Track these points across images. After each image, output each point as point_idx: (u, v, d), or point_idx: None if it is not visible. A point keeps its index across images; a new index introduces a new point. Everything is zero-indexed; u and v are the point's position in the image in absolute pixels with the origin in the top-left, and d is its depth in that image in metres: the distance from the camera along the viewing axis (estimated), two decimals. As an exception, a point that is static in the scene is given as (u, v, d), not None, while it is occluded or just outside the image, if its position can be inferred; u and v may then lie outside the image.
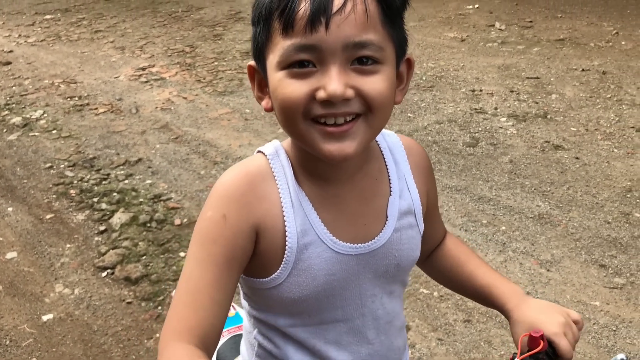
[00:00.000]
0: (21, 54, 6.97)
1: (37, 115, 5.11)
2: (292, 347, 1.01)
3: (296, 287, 0.94)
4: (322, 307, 0.98)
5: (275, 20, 0.84)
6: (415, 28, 6.97)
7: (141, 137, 4.58)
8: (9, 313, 2.82)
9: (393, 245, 0.99)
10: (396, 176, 1.02)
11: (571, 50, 5.90)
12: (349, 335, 1.00)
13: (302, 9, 0.81)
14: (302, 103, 0.84)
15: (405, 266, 1.03)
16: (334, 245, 0.95)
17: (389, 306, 1.03)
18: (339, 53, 0.82)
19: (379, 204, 1.00)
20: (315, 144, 0.86)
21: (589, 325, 2.57)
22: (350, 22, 0.81)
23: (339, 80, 0.81)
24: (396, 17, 0.88)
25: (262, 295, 0.98)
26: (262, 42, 0.88)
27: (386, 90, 0.86)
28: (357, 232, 0.97)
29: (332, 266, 0.95)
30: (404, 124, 4.53)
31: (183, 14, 8.40)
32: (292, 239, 0.92)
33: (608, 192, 3.53)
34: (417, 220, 1.03)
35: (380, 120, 0.89)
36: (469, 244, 3.11)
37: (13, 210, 3.67)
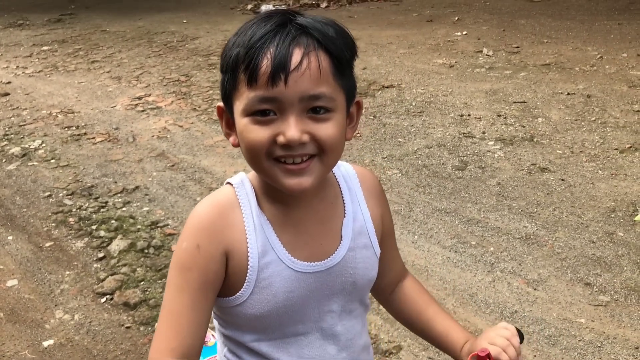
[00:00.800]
0: (19, 84, 7.10)
1: (36, 145, 5.21)
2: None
3: (258, 303, 1.04)
4: (283, 322, 1.07)
5: (241, 72, 0.97)
6: (405, 55, 7.14)
7: (138, 165, 4.68)
8: (10, 339, 2.89)
9: (348, 264, 1.10)
10: (350, 200, 1.14)
11: (557, 75, 6.06)
12: (310, 349, 1.10)
13: (265, 66, 0.93)
14: (264, 146, 0.97)
15: (361, 284, 1.13)
16: (292, 264, 1.05)
17: (348, 324, 1.12)
18: (296, 104, 0.95)
19: (335, 225, 1.11)
20: (277, 179, 1.00)
21: (574, 342, 2.66)
22: (305, 78, 0.94)
23: (296, 128, 0.95)
24: (346, 68, 1.01)
25: (229, 313, 1.08)
26: (230, 89, 1.01)
27: (337, 135, 0.99)
28: (314, 251, 1.08)
29: (290, 284, 1.05)
30: (395, 149, 4.65)
31: (178, 43, 8.56)
32: (253, 259, 1.03)
33: (593, 213, 3.63)
34: (371, 242, 1.14)
35: (332, 159, 1.03)
36: (459, 265, 3.21)
37: (13, 239, 3.75)
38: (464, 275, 3.12)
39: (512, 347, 1.06)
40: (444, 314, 1.24)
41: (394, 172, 4.28)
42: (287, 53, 0.93)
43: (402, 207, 3.80)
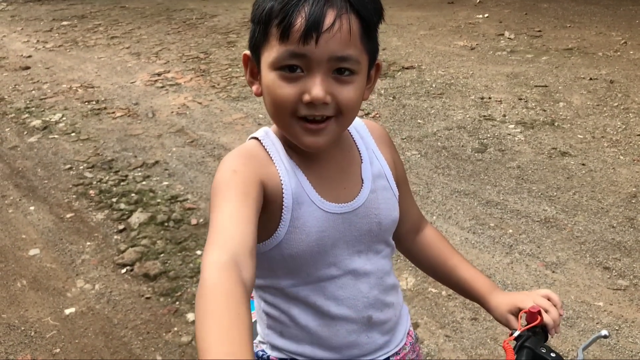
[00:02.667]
0: (39, 59, 7.14)
1: (57, 119, 5.25)
2: (296, 308, 1.14)
3: (293, 243, 1.07)
4: (317, 263, 1.11)
5: (273, 26, 0.99)
6: (425, 37, 7.08)
7: (157, 140, 4.71)
8: (33, 306, 2.94)
9: (372, 204, 1.15)
10: (364, 147, 1.19)
11: (579, 60, 5.98)
12: (344, 290, 1.14)
13: (298, 24, 0.96)
14: (291, 103, 1.00)
15: (386, 224, 1.17)
16: (322, 204, 1.09)
17: (377, 263, 1.18)
18: (323, 63, 0.98)
19: (354, 170, 1.16)
20: (297, 135, 1.04)
21: (592, 324, 2.66)
22: (336, 39, 0.97)
23: (321, 87, 0.98)
24: (373, 31, 1.04)
25: (265, 259, 1.10)
26: (260, 40, 1.03)
27: (356, 98, 1.04)
28: (339, 194, 1.12)
29: (322, 223, 1.09)
30: (414, 130, 4.63)
31: (197, 21, 8.55)
32: (287, 199, 1.06)
33: (613, 198, 3.61)
34: (390, 184, 1.19)
35: (349, 120, 1.07)
36: (477, 246, 3.20)
37: (35, 209, 3.80)
38: (482, 257, 3.12)
39: (555, 311, 1.11)
40: (468, 263, 1.29)
41: (413, 153, 4.27)
42: (321, 13, 0.95)
43: (420, 188, 3.80)
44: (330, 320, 1.14)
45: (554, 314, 1.11)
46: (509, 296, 1.17)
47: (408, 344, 1.28)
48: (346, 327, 1.15)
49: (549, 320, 1.09)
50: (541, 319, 1.07)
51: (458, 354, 2.52)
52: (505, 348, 1.04)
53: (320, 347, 1.16)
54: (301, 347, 1.17)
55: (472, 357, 2.51)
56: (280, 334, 1.18)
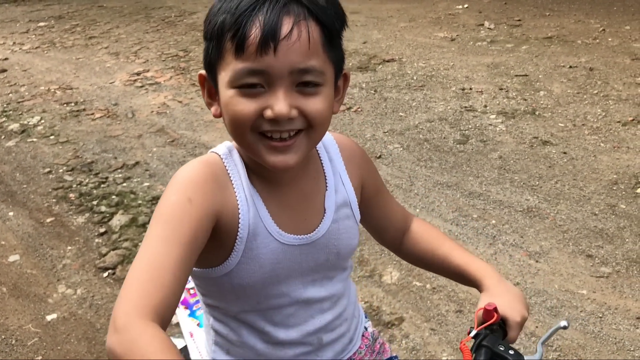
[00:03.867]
0: (16, 61, 7.04)
1: (35, 122, 5.18)
2: (244, 330, 1.10)
3: (245, 273, 1.02)
4: (269, 293, 1.06)
5: (227, 41, 0.92)
6: (405, 29, 7.07)
7: (138, 141, 4.66)
8: (13, 314, 2.90)
9: (332, 235, 1.10)
10: (331, 173, 1.13)
11: (559, 48, 6.01)
12: (294, 318, 1.10)
13: (253, 35, 0.89)
14: (250, 119, 0.93)
15: (344, 254, 1.13)
16: (279, 236, 1.04)
17: (331, 289, 1.13)
18: (285, 77, 0.91)
19: (318, 199, 1.10)
20: (261, 155, 0.96)
21: (576, 312, 2.67)
22: (295, 49, 0.90)
23: (285, 102, 0.91)
24: (335, 39, 0.97)
25: (214, 284, 1.06)
26: (215, 58, 0.96)
27: (325, 109, 0.97)
28: (299, 225, 1.07)
29: (277, 255, 1.04)
30: (396, 123, 4.62)
31: (176, 18, 8.48)
32: (243, 229, 1.00)
33: (595, 185, 3.62)
34: (353, 211, 1.14)
35: (319, 134, 1.00)
36: (460, 238, 3.21)
37: (14, 215, 3.74)
38: (466, 248, 3.11)
39: (523, 310, 1.09)
40: (460, 248, 1.23)
41: (395, 147, 4.26)
42: (277, 21, 0.89)
43: (403, 181, 3.79)
44: (279, 344, 1.11)
45: (515, 335, 1.06)
46: (502, 298, 1.10)
47: (363, 347, 1.26)
48: (295, 350, 1.13)
49: (513, 328, 1.06)
50: (497, 316, 1.04)
51: (443, 347, 2.52)
52: (462, 349, 1.02)
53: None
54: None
55: (457, 349, 2.51)
56: (227, 351, 1.15)
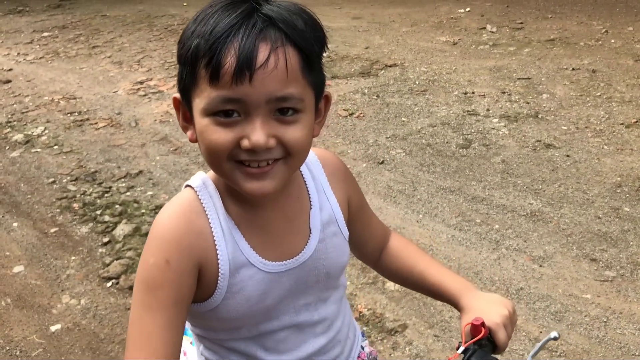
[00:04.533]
0: (20, 71, 7.08)
1: (39, 132, 5.20)
2: (235, 357, 1.08)
3: (232, 308, 1.00)
4: (259, 321, 1.05)
5: (201, 68, 0.88)
6: (407, 33, 7.08)
7: (141, 149, 4.68)
8: (18, 325, 2.91)
9: (320, 255, 1.07)
10: (315, 190, 1.10)
11: (561, 50, 5.99)
12: (286, 343, 1.08)
13: (228, 63, 0.86)
14: (227, 149, 0.91)
15: (334, 273, 1.11)
16: (263, 266, 1.01)
17: (324, 312, 1.11)
18: (262, 106, 0.88)
19: (302, 220, 1.08)
20: (238, 182, 0.94)
21: (580, 317, 2.65)
22: (272, 78, 0.87)
23: (262, 132, 0.89)
24: (315, 63, 0.94)
25: (201, 317, 1.04)
26: (189, 84, 0.93)
27: (305, 137, 0.94)
28: (284, 250, 1.04)
29: (264, 286, 1.02)
30: (398, 128, 4.62)
31: (179, 27, 8.50)
32: (224, 266, 0.98)
33: (598, 188, 3.61)
34: (340, 228, 1.12)
35: (298, 162, 0.98)
36: (464, 243, 3.20)
37: (18, 225, 3.76)
38: (469, 253, 3.11)
39: (510, 325, 1.07)
40: (436, 264, 1.22)
41: (398, 152, 4.26)
42: (253, 48, 0.86)
43: (406, 187, 3.78)
44: None
45: (502, 334, 1.05)
46: (478, 305, 1.09)
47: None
48: None
49: (501, 339, 1.04)
50: (485, 331, 1.03)
51: (447, 354, 2.51)
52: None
53: None
54: None
55: (462, 356, 2.50)
56: None
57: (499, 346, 1.06)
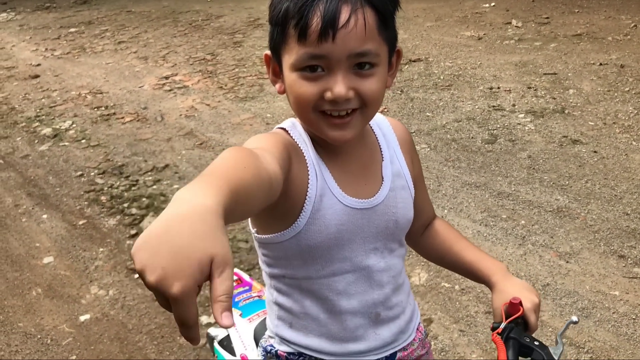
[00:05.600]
0: (48, 67, 7.19)
1: (67, 126, 5.28)
2: (307, 299, 1.17)
3: (311, 234, 1.09)
4: (333, 256, 1.13)
5: (290, 27, 0.99)
6: (432, 28, 7.04)
7: (167, 144, 4.72)
8: (48, 314, 2.97)
9: (390, 203, 1.17)
10: (386, 146, 1.21)
11: (588, 45, 5.91)
12: (356, 285, 1.16)
13: (314, 23, 0.96)
14: (312, 100, 1.02)
15: (402, 224, 1.20)
16: (343, 199, 1.11)
17: (390, 262, 1.20)
18: (343, 61, 0.99)
19: (375, 168, 1.19)
20: (322, 130, 1.06)
21: (608, 314, 2.63)
22: (352, 36, 0.97)
23: (343, 84, 0.99)
24: (389, 21, 1.04)
25: (282, 250, 1.13)
26: (279, 42, 1.04)
27: (380, 89, 1.05)
28: (360, 190, 1.14)
29: (341, 217, 1.11)
30: (423, 123, 4.61)
31: (203, 22, 8.56)
32: (312, 191, 1.08)
33: (627, 184, 3.56)
34: (407, 183, 1.22)
35: (373, 111, 1.08)
36: (489, 239, 3.18)
37: (47, 217, 3.83)
38: (495, 249, 3.10)
39: (539, 312, 1.17)
40: (474, 246, 1.32)
41: (423, 147, 4.24)
42: (336, 10, 0.96)
43: (431, 182, 3.77)
44: (340, 313, 1.17)
45: (534, 319, 1.15)
46: (513, 289, 1.18)
47: (417, 339, 1.30)
48: (355, 321, 1.18)
49: (532, 322, 1.15)
50: (522, 310, 1.12)
51: (472, 349, 2.50)
52: (495, 341, 1.09)
53: (328, 339, 1.19)
54: (309, 339, 1.20)
55: (487, 350, 2.49)
56: (290, 325, 1.21)
57: (530, 329, 1.14)
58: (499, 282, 1.21)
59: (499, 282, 1.21)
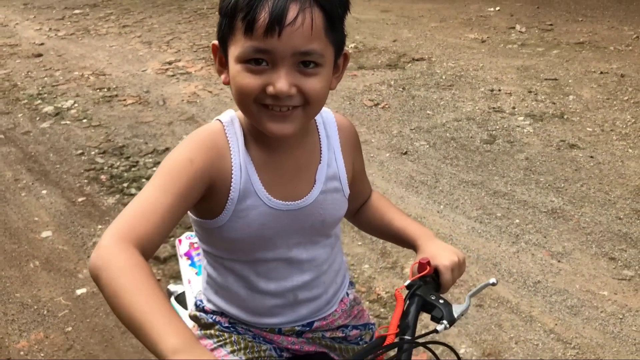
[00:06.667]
0: (52, 46, 7.20)
1: (68, 105, 5.30)
2: (230, 276, 1.24)
3: (233, 230, 1.15)
4: (255, 248, 1.20)
5: (238, 20, 1.02)
6: (436, 28, 7.08)
7: (168, 127, 4.75)
8: (45, 286, 3.00)
9: (319, 204, 1.21)
10: (327, 148, 1.24)
11: (590, 53, 5.97)
12: (277, 272, 1.23)
13: (262, 18, 0.99)
14: (254, 93, 1.04)
15: (329, 223, 1.25)
16: (268, 201, 1.16)
17: (313, 252, 1.25)
18: (288, 58, 1.02)
19: (310, 171, 1.22)
20: (262, 122, 1.08)
21: (596, 313, 2.68)
22: (299, 34, 1.00)
23: (286, 80, 1.02)
24: (337, 24, 1.07)
25: (209, 233, 1.20)
26: (226, 33, 1.06)
27: (323, 89, 1.08)
28: (289, 192, 1.18)
29: (264, 217, 1.16)
30: (423, 121, 4.65)
31: (208, 11, 8.58)
32: (234, 192, 1.13)
33: (621, 190, 3.62)
34: (342, 185, 1.25)
35: (316, 110, 1.11)
36: (483, 235, 3.23)
37: (47, 193, 3.86)
38: (488, 245, 3.15)
39: (458, 271, 1.22)
40: (403, 215, 1.38)
41: (422, 144, 4.29)
42: (284, 8, 0.99)
43: (428, 178, 3.82)
44: (259, 293, 1.24)
45: (447, 276, 1.19)
46: (432, 250, 1.23)
47: (339, 310, 1.35)
48: (273, 301, 1.25)
49: (446, 279, 1.19)
50: (430, 269, 1.17)
51: (462, 339, 2.55)
52: (396, 296, 1.13)
53: (246, 311, 1.27)
54: (229, 307, 1.28)
55: (477, 342, 2.54)
56: (215, 291, 1.30)
57: (442, 286, 1.20)
58: (422, 245, 1.26)
59: (422, 244, 1.26)
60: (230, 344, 1.28)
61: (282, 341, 1.31)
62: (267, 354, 1.29)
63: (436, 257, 1.20)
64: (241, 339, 1.28)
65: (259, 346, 1.29)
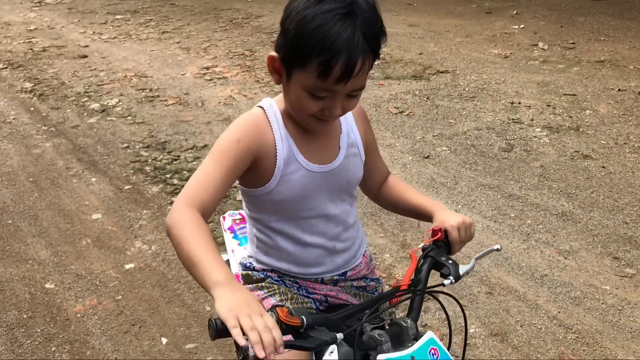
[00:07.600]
0: (96, 49, 7.63)
1: (113, 103, 5.69)
2: (279, 236, 1.52)
3: (281, 193, 1.43)
4: (298, 207, 1.47)
5: (313, 61, 1.23)
6: (461, 43, 7.36)
7: (206, 126, 5.10)
8: (97, 261, 3.33)
9: (344, 167, 1.51)
10: (344, 121, 1.55)
11: (610, 71, 6.20)
12: (317, 227, 1.51)
13: (337, 70, 1.22)
14: (312, 112, 1.34)
15: (352, 182, 1.55)
16: (307, 165, 1.44)
17: (342, 208, 1.55)
18: (345, 94, 1.30)
19: (335, 139, 1.52)
20: (310, 125, 1.40)
21: (597, 304, 2.93)
22: (357, 79, 1.27)
23: (340, 107, 1.32)
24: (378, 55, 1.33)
25: (258, 201, 1.48)
26: (295, 60, 1.27)
27: (358, 102, 1.41)
28: (321, 157, 1.47)
29: (305, 180, 1.44)
30: (445, 128, 4.93)
31: (243, 20, 8.97)
32: (280, 161, 1.41)
33: (629, 198, 3.86)
34: (359, 151, 1.56)
35: None
36: (497, 233, 3.49)
37: (96, 180, 4.21)
38: (501, 241, 3.41)
39: (464, 230, 1.45)
40: (419, 193, 1.66)
41: (443, 149, 4.57)
42: (356, 63, 1.23)
43: (448, 180, 4.10)
44: (305, 246, 1.52)
45: (455, 234, 1.43)
46: (443, 217, 1.48)
47: (363, 262, 1.66)
48: (316, 252, 1.53)
49: (453, 237, 1.43)
50: (441, 234, 1.42)
51: (472, 320, 2.82)
52: (411, 255, 1.38)
53: (295, 264, 1.54)
54: (280, 264, 1.55)
55: (485, 323, 2.81)
56: (265, 252, 1.57)
57: (452, 244, 1.43)
58: (437, 214, 1.51)
59: (437, 214, 1.51)
60: (279, 294, 1.56)
61: (322, 289, 1.59)
62: (309, 305, 1.58)
63: (445, 220, 1.46)
64: (288, 291, 1.56)
65: (302, 298, 1.57)
